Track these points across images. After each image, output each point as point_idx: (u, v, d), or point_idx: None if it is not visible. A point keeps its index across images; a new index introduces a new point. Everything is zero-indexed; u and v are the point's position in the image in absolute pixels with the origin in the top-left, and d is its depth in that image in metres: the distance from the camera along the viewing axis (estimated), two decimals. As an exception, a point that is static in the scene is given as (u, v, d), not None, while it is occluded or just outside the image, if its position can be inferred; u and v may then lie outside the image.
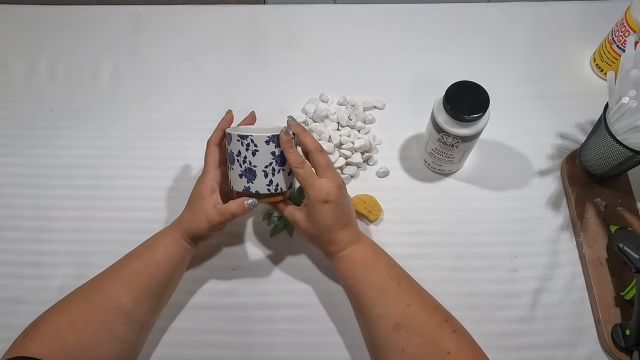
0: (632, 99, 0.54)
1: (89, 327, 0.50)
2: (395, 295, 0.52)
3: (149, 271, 0.54)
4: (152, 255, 0.55)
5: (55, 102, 0.77)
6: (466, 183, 0.70)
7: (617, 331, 0.57)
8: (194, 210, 0.56)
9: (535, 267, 0.64)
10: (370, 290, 0.52)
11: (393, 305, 0.51)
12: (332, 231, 0.54)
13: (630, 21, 0.68)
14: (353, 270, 0.54)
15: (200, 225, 0.55)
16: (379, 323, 0.51)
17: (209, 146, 0.57)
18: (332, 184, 0.53)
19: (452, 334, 0.49)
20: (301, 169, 0.53)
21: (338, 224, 0.54)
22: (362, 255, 0.55)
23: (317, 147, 0.54)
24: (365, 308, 0.52)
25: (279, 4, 0.85)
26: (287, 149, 0.53)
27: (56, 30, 0.84)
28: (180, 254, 0.56)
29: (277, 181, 0.55)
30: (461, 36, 0.82)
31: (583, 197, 0.66)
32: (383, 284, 0.53)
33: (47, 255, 0.66)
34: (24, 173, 0.71)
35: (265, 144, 0.53)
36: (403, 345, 0.48)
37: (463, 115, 0.57)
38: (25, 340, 0.49)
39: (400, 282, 0.53)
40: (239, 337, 0.60)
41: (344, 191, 0.55)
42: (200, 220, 0.55)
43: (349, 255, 0.55)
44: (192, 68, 0.80)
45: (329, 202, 0.53)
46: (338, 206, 0.54)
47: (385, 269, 0.54)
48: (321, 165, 0.54)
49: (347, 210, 0.55)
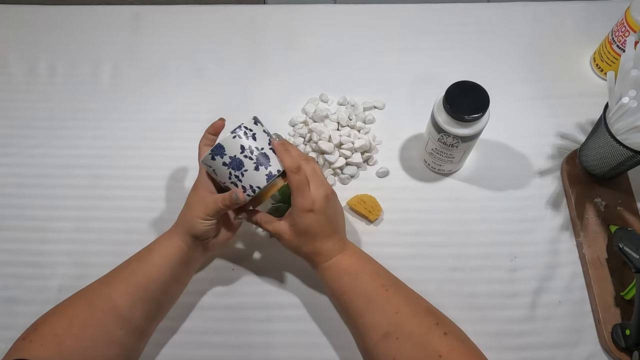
0: (632, 99, 0.54)
1: (86, 330, 0.50)
2: (383, 303, 0.51)
3: (144, 271, 0.53)
4: (148, 256, 0.55)
5: (55, 102, 0.77)
6: (466, 183, 0.70)
7: (617, 331, 0.57)
8: (189, 203, 0.55)
9: (535, 267, 0.64)
10: (357, 300, 0.52)
11: (381, 313, 0.51)
12: (316, 241, 0.53)
13: (630, 21, 0.68)
14: (339, 280, 0.53)
15: (196, 214, 0.53)
16: (368, 333, 0.50)
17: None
18: (319, 193, 0.52)
19: (442, 337, 0.48)
20: (296, 175, 0.51)
21: (322, 233, 0.53)
22: (348, 265, 0.54)
23: (304, 155, 0.54)
24: (353, 318, 0.52)
25: (279, 4, 0.85)
26: (282, 152, 0.52)
27: (56, 30, 0.84)
28: (176, 253, 0.54)
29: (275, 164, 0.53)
30: (461, 36, 0.82)
31: (583, 197, 0.66)
32: (370, 293, 0.52)
33: (47, 255, 0.66)
34: (24, 173, 0.71)
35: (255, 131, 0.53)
36: (394, 353, 0.48)
37: (463, 115, 0.57)
38: (25, 342, 0.49)
39: (387, 290, 0.52)
40: (238, 337, 0.60)
41: (331, 201, 0.54)
42: (195, 209, 0.53)
43: (334, 265, 0.54)
44: (192, 68, 0.80)
45: (313, 212, 0.52)
46: (323, 216, 0.53)
47: (371, 276, 0.53)
48: (308, 172, 0.53)
49: (332, 220, 0.54)
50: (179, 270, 0.55)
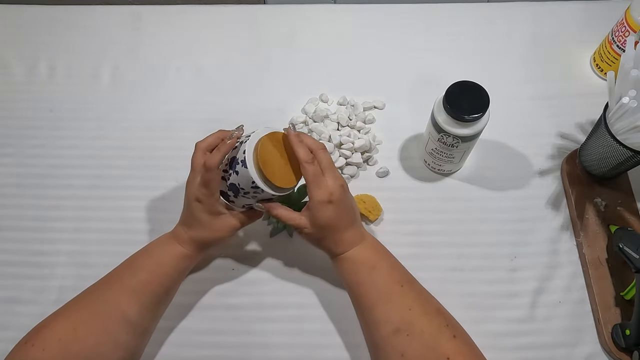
0: (632, 99, 0.54)
1: (92, 336, 0.50)
2: (397, 298, 0.51)
3: (158, 282, 0.54)
4: (161, 269, 0.54)
5: (55, 102, 0.77)
6: (466, 183, 0.70)
7: (617, 331, 0.57)
8: (204, 223, 0.55)
9: (535, 267, 0.64)
10: (372, 293, 0.52)
11: (394, 309, 0.51)
12: (337, 232, 0.54)
13: (630, 21, 0.68)
14: (355, 272, 0.54)
15: (218, 236, 0.55)
16: (379, 326, 0.50)
17: (212, 170, 0.52)
18: (335, 184, 0.53)
19: (452, 340, 0.48)
20: (311, 166, 0.52)
21: (341, 224, 0.54)
22: (365, 257, 0.54)
23: (320, 145, 0.54)
24: (366, 311, 0.52)
25: (279, 4, 0.85)
26: (296, 143, 0.52)
27: (56, 30, 0.84)
28: (189, 265, 0.57)
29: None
30: (461, 36, 0.82)
31: (583, 197, 0.66)
32: (385, 287, 0.52)
33: (47, 255, 0.66)
34: (24, 173, 0.71)
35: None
36: (403, 350, 0.48)
37: (463, 115, 0.57)
38: (26, 347, 0.49)
39: (402, 286, 0.52)
40: (238, 337, 0.60)
41: (347, 191, 0.55)
42: (216, 231, 0.55)
43: (351, 257, 0.54)
44: (192, 68, 0.80)
45: (332, 203, 0.52)
46: (341, 206, 0.53)
47: (388, 271, 0.54)
48: (326, 163, 0.53)
49: (350, 210, 0.55)
50: (184, 273, 0.58)
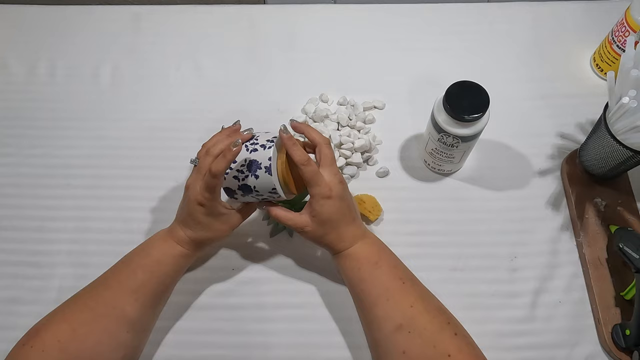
0: (632, 99, 0.54)
1: (92, 335, 0.50)
2: (399, 296, 0.51)
3: (157, 282, 0.54)
4: (160, 269, 0.54)
5: (55, 102, 0.77)
6: (466, 183, 0.70)
7: (617, 331, 0.57)
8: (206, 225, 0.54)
9: (535, 267, 0.64)
10: (374, 291, 0.52)
11: (396, 306, 0.51)
12: (339, 227, 0.54)
13: (630, 21, 0.68)
14: (357, 269, 0.54)
15: (221, 235, 0.56)
16: (381, 323, 0.51)
17: (218, 177, 0.50)
18: (334, 180, 0.53)
19: (453, 337, 0.49)
20: (307, 167, 0.51)
21: (343, 219, 0.54)
22: (367, 254, 0.54)
23: (325, 139, 0.54)
24: (367, 308, 0.52)
25: (279, 4, 0.85)
26: (291, 146, 0.52)
27: (56, 30, 0.84)
28: (187, 263, 0.57)
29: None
30: (461, 36, 0.82)
31: (583, 197, 0.66)
32: (387, 284, 0.52)
33: (47, 255, 0.66)
34: (24, 173, 0.71)
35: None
36: (404, 347, 0.48)
37: (463, 115, 0.57)
38: (25, 348, 0.49)
39: (404, 283, 0.52)
40: (238, 337, 0.60)
41: (346, 187, 0.55)
42: (218, 231, 0.55)
43: (353, 254, 0.54)
44: (192, 68, 0.80)
45: (332, 198, 0.52)
46: (341, 201, 0.53)
47: (390, 268, 0.54)
48: (328, 159, 0.53)
49: (350, 206, 0.55)
50: (183, 271, 0.58)
